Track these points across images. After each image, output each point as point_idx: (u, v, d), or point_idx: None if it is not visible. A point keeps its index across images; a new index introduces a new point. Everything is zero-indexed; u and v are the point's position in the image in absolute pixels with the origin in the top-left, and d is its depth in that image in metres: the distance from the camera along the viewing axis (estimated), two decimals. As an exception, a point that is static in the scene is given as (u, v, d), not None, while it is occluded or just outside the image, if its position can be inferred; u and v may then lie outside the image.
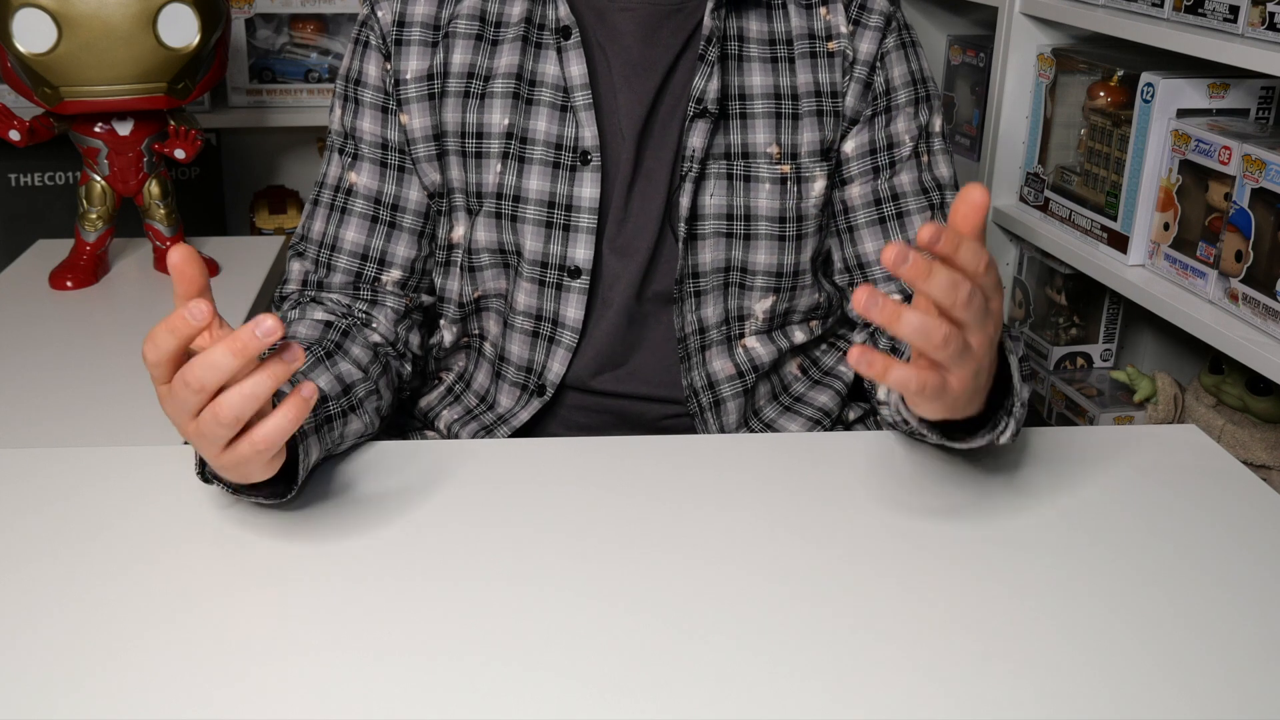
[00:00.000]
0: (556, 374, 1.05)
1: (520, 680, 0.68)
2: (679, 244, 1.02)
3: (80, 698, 0.66)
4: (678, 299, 1.04)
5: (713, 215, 1.03)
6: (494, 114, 1.02)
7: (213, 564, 0.79)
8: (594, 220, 1.01)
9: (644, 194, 1.03)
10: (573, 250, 1.02)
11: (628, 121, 1.02)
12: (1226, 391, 1.57)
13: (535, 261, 1.03)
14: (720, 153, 1.02)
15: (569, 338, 1.04)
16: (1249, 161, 1.33)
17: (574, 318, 1.04)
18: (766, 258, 1.04)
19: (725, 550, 0.81)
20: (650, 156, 1.03)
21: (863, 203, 1.07)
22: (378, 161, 1.06)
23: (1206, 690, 0.68)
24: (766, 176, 1.03)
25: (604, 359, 1.06)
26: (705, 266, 1.04)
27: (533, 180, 1.01)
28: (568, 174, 1.01)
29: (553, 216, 1.02)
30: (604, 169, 1.02)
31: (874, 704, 0.67)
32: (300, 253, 1.08)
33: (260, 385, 0.71)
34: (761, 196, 1.03)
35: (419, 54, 1.03)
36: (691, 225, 1.02)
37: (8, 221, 2.10)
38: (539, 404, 1.06)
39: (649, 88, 1.02)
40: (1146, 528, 0.85)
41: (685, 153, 1.01)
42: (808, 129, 1.04)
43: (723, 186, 1.02)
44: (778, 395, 1.12)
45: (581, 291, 1.03)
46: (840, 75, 1.05)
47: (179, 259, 0.72)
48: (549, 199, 1.01)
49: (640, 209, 1.03)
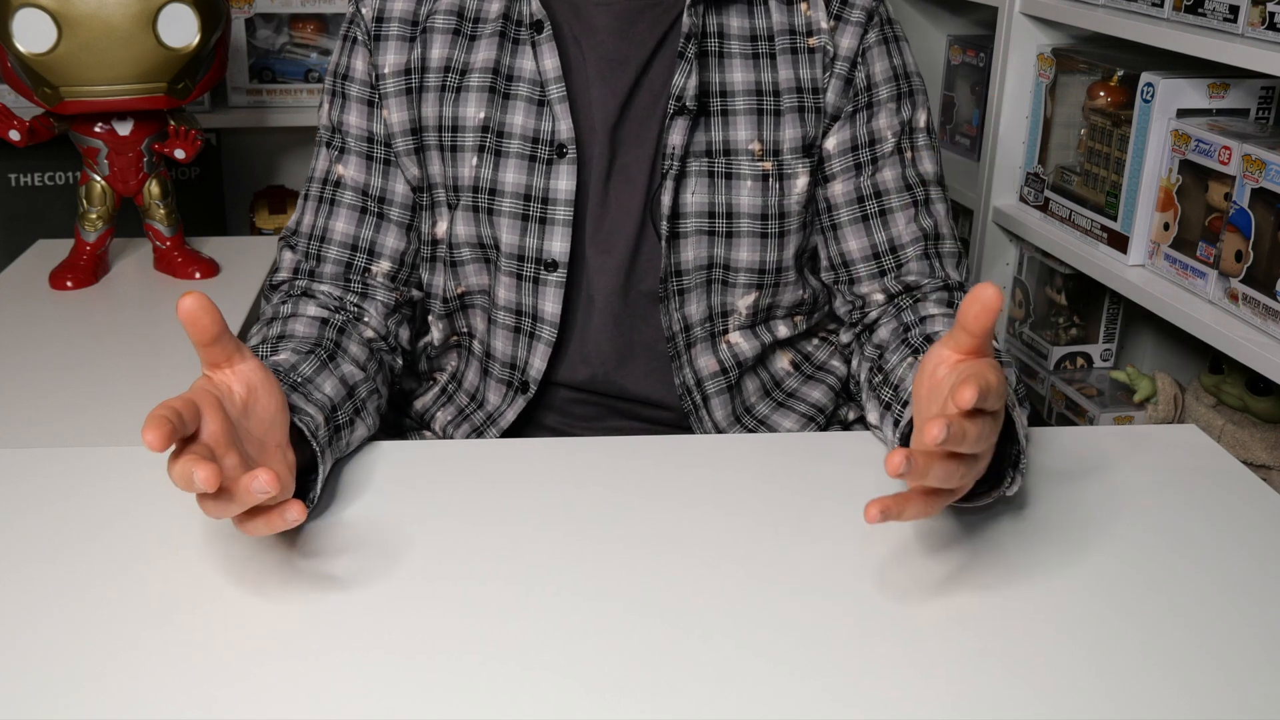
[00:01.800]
0: (538, 370, 1.05)
1: (518, 680, 0.68)
2: (662, 242, 1.03)
3: (80, 698, 0.66)
4: (663, 298, 1.04)
5: (694, 213, 1.03)
6: (470, 108, 1.03)
7: (212, 564, 0.79)
8: (569, 213, 1.02)
9: (621, 190, 1.03)
10: (549, 243, 1.02)
11: (601, 116, 1.02)
12: (1226, 391, 1.57)
13: (512, 255, 1.03)
14: (701, 150, 1.02)
15: (548, 333, 1.04)
16: (1249, 161, 1.33)
17: (551, 312, 1.04)
18: (749, 255, 1.04)
19: (722, 550, 0.81)
20: (626, 152, 1.03)
21: (845, 200, 1.07)
22: (364, 155, 1.07)
23: (1206, 690, 0.68)
24: (748, 173, 1.03)
25: (596, 361, 1.06)
26: (688, 264, 1.04)
27: (509, 173, 1.02)
28: (544, 167, 1.02)
29: (529, 209, 1.02)
30: (580, 162, 1.02)
31: (873, 704, 0.67)
32: (291, 245, 1.09)
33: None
34: (743, 194, 1.03)
35: (396, 49, 1.05)
36: (673, 223, 1.03)
37: (8, 221, 2.10)
38: (524, 401, 1.06)
39: (623, 83, 1.02)
40: (1146, 528, 0.85)
41: (665, 150, 1.01)
42: (789, 125, 1.04)
43: (704, 184, 1.03)
44: (770, 391, 1.12)
45: (559, 285, 1.03)
46: (821, 71, 1.05)
47: (189, 307, 0.71)
48: (525, 191, 1.02)
49: (619, 204, 1.03)
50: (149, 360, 1.26)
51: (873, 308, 1.08)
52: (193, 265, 1.51)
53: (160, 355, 1.27)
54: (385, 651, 0.70)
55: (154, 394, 1.17)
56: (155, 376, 1.21)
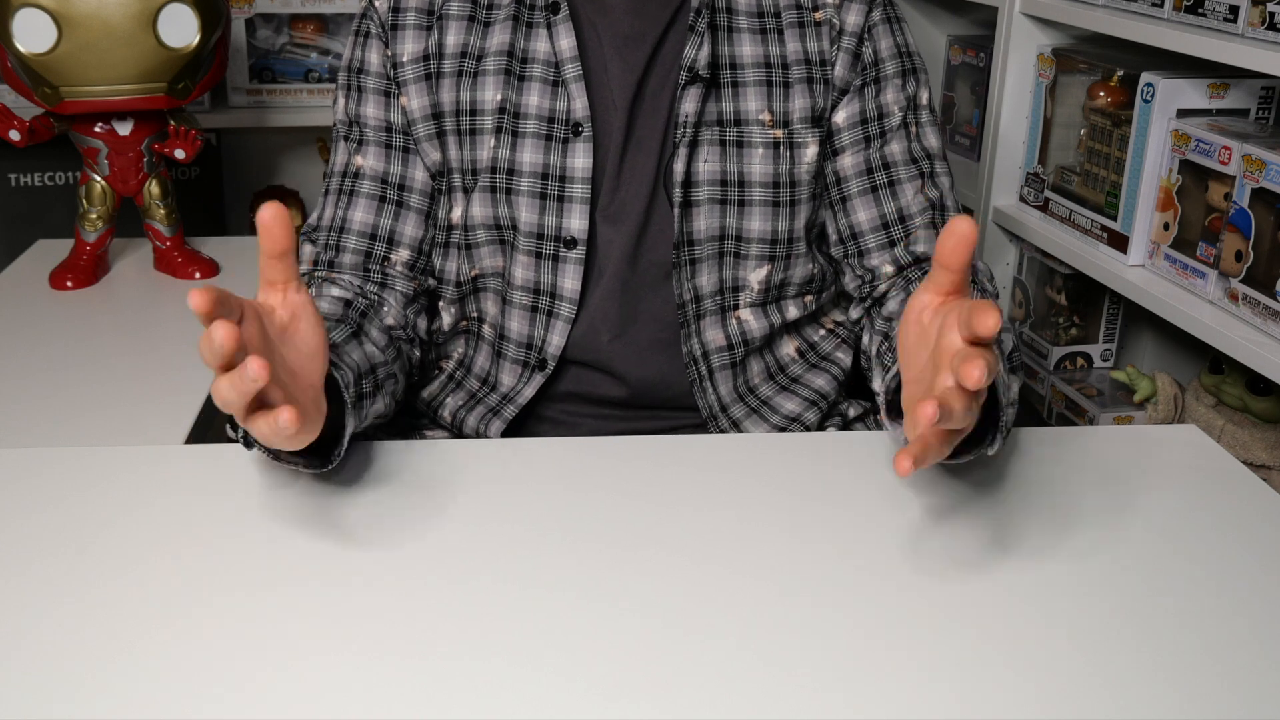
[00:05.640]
0: (557, 346, 1.07)
1: (520, 680, 0.68)
2: (674, 210, 1.04)
3: (80, 698, 0.66)
4: (675, 265, 1.05)
5: (707, 181, 1.05)
6: (487, 91, 1.05)
7: (212, 564, 0.79)
8: (587, 190, 1.04)
9: (635, 162, 1.05)
10: (568, 221, 1.04)
11: (620, 91, 1.04)
12: (1226, 391, 1.57)
13: (531, 234, 1.05)
14: (713, 119, 1.05)
15: (567, 309, 1.06)
16: (1249, 161, 1.33)
17: (571, 288, 1.05)
18: (761, 224, 1.06)
19: (725, 550, 0.81)
20: (642, 125, 1.05)
21: (855, 172, 1.09)
22: (383, 144, 1.08)
23: (1206, 690, 0.68)
24: (760, 141, 1.05)
25: (600, 327, 1.07)
26: (700, 234, 1.05)
27: (526, 153, 1.04)
28: (560, 146, 1.04)
29: (547, 188, 1.04)
30: (596, 139, 1.04)
31: (873, 704, 0.67)
32: (311, 239, 1.11)
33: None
34: (755, 162, 1.05)
35: (414, 37, 1.07)
36: (686, 191, 1.04)
37: (8, 221, 2.10)
38: (541, 379, 1.08)
39: (639, 58, 1.04)
40: (1146, 528, 0.85)
41: (678, 119, 1.03)
42: (799, 96, 1.06)
43: (716, 152, 1.04)
44: (773, 375, 1.13)
45: (578, 262, 1.05)
46: (828, 44, 1.07)
47: (269, 217, 0.73)
48: (543, 170, 1.04)
49: (631, 177, 1.05)
50: (149, 360, 1.26)
51: (882, 280, 1.09)
52: (193, 265, 1.51)
53: (160, 355, 1.27)
54: (386, 651, 0.70)
55: (154, 394, 1.17)
56: (155, 376, 1.21)
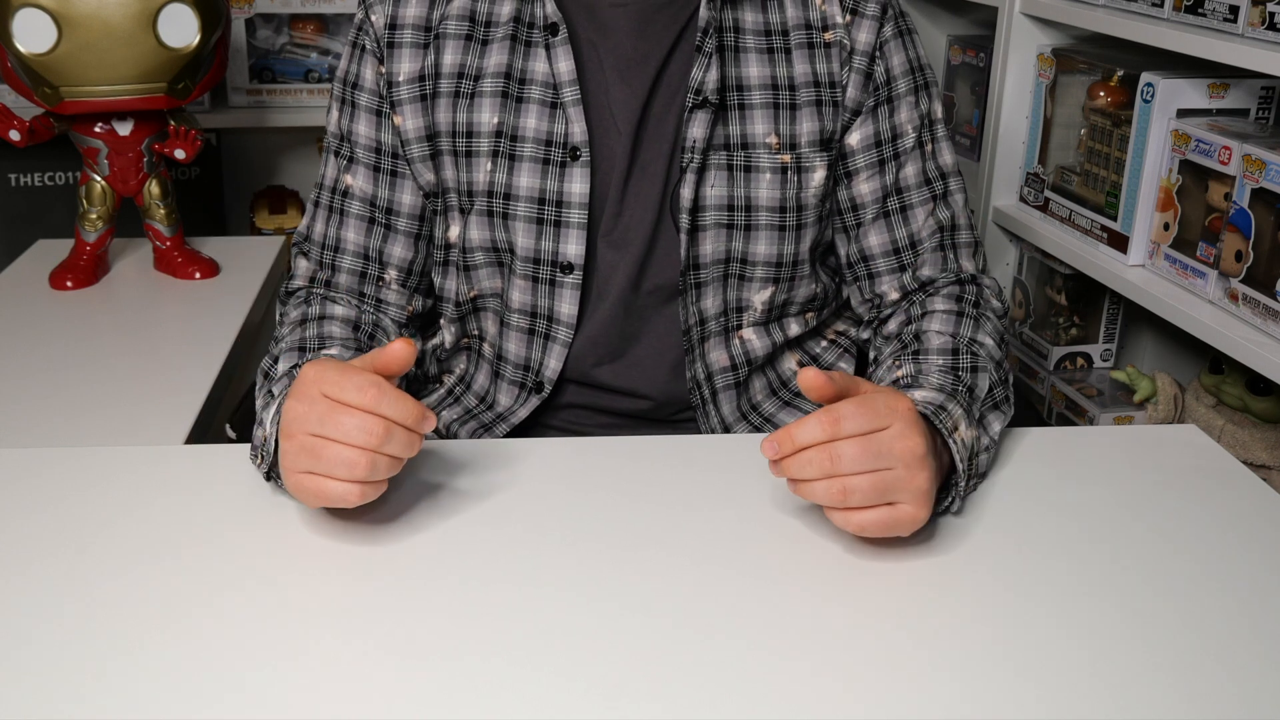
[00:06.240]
0: (554, 370, 1.06)
1: (521, 680, 0.68)
2: (681, 235, 1.03)
3: (81, 698, 0.66)
4: (682, 291, 1.04)
5: (713, 206, 1.03)
6: (483, 113, 1.03)
7: (212, 564, 0.79)
8: (584, 215, 1.02)
9: (639, 187, 1.03)
10: (564, 246, 1.03)
11: (622, 115, 1.02)
12: (1226, 391, 1.57)
13: (528, 258, 1.03)
14: (720, 143, 1.03)
15: (564, 334, 1.05)
16: (1249, 161, 1.33)
17: (568, 313, 1.04)
18: (766, 248, 1.05)
19: (725, 550, 0.81)
20: (646, 149, 1.03)
21: (872, 198, 1.08)
22: (372, 166, 1.07)
23: (1206, 690, 0.68)
24: (767, 166, 1.04)
25: (600, 351, 1.06)
26: (706, 258, 1.04)
27: (523, 178, 1.02)
28: (557, 170, 1.02)
29: (543, 213, 1.02)
30: (596, 164, 1.02)
31: (874, 704, 0.67)
32: (305, 252, 1.10)
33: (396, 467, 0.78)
34: (762, 186, 1.04)
35: (410, 56, 1.04)
36: (693, 217, 1.03)
37: (8, 221, 2.09)
38: (538, 400, 1.07)
39: (644, 81, 1.02)
40: (1146, 527, 0.85)
41: (685, 144, 1.02)
42: (807, 119, 1.04)
43: (723, 177, 1.03)
44: (776, 391, 1.12)
45: (575, 287, 1.03)
46: (839, 66, 1.05)
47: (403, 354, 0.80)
48: (539, 195, 1.02)
49: (635, 202, 1.03)
50: (149, 360, 1.26)
51: (887, 305, 1.09)
52: (193, 265, 1.51)
53: (160, 355, 1.27)
54: (386, 651, 0.70)
55: (154, 394, 1.17)
56: (155, 376, 1.21)
